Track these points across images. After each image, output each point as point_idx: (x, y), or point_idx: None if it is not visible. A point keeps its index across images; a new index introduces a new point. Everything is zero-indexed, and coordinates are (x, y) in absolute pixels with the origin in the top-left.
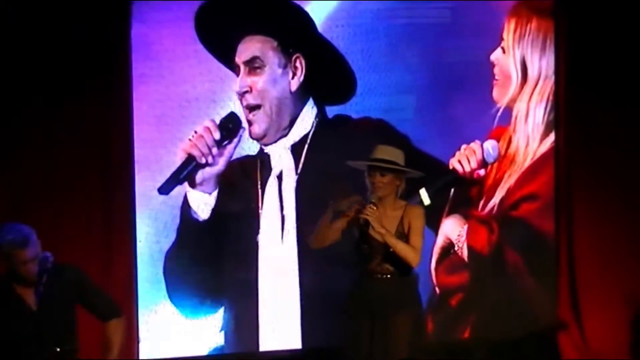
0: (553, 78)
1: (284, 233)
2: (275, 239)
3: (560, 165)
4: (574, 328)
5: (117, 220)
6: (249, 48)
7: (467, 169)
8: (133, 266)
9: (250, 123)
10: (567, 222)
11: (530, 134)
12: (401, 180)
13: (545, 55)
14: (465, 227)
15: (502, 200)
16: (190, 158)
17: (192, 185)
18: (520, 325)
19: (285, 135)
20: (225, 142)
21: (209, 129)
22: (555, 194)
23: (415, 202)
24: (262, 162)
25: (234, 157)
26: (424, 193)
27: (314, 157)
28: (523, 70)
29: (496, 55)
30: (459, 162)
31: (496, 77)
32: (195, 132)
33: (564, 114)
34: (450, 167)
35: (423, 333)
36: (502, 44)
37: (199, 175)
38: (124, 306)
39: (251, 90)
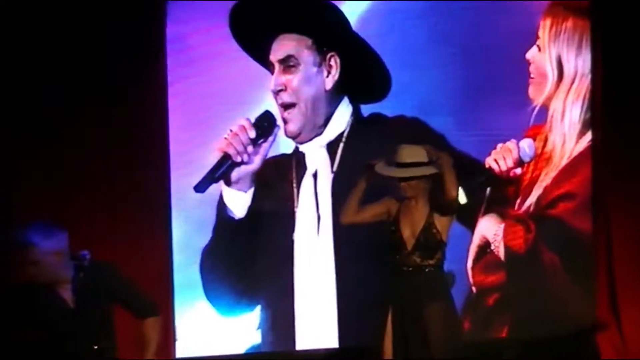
0: (589, 77)
1: (320, 231)
2: (311, 237)
3: (598, 164)
4: (613, 328)
5: (153, 219)
6: (283, 46)
7: (504, 167)
8: (169, 265)
9: (285, 121)
10: (605, 221)
11: (567, 132)
12: (428, 178)
13: (582, 54)
14: (502, 226)
15: (538, 199)
16: (225, 156)
17: (228, 183)
18: (558, 325)
19: (320, 134)
20: (261, 141)
21: (244, 127)
22: (593, 192)
23: None
24: (297, 160)
25: (270, 155)
26: (460, 192)
27: (349, 155)
28: (559, 69)
29: (532, 54)
30: (495, 161)
31: (532, 76)
32: (231, 130)
33: (601, 112)
34: (486, 166)
35: (458, 328)
36: (537, 43)
37: (235, 174)
38: (160, 305)
39: (286, 89)
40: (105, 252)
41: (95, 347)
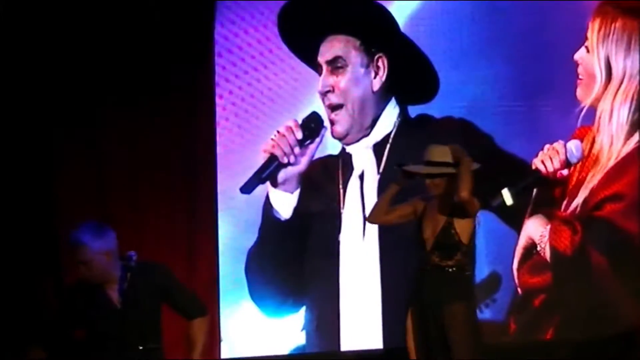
0: (638, 78)
1: (365, 232)
2: (356, 239)
3: None
4: None
5: (199, 220)
6: (331, 47)
7: (550, 169)
8: (215, 265)
9: (332, 122)
10: None
11: (615, 133)
12: (450, 178)
13: (630, 55)
14: (548, 227)
15: (585, 201)
16: (272, 157)
17: (274, 184)
18: (604, 327)
19: (367, 135)
20: (308, 142)
21: (291, 128)
22: None
23: (498, 203)
24: (344, 161)
25: (316, 156)
26: (506, 193)
27: (395, 156)
28: (607, 70)
29: (580, 55)
30: (542, 162)
31: (580, 77)
32: (278, 131)
33: None
34: (534, 167)
35: (477, 331)
36: (586, 43)
37: (281, 175)
38: (206, 304)
39: (333, 90)
40: (151, 252)
41: (141, 347)
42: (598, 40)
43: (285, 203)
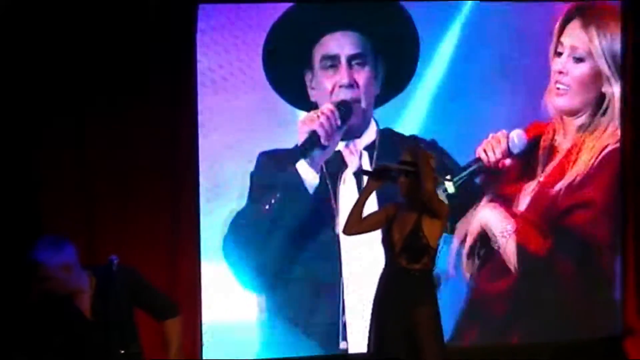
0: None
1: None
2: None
3: (626, 168)
4: None
5: (182, 222)
6: (349, 43)
7: (492, 158)
8: (197, 267)
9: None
10: (636, 226)
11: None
12: (415, 178)
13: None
14: (512, 224)
15: (553, 206)
16: (314, 135)
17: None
18: (575, 334)
19: (360, 136)
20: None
21: (333, 112)
22: (621, 199)
23: (441, 192)
24: (342, 157)
25: None
26: (448, 182)
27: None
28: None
29: (562, 64)
30: (484, 151)
31: (562, 87)
32: (322, 112)
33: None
34: (477, 156)
35: (440, 334)
36: (556, 48)
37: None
38: (188, 307)
39: (354, 86)
40: (134, 254)
41: (122, 351)
42: (570, 43)
43: (311, 180)
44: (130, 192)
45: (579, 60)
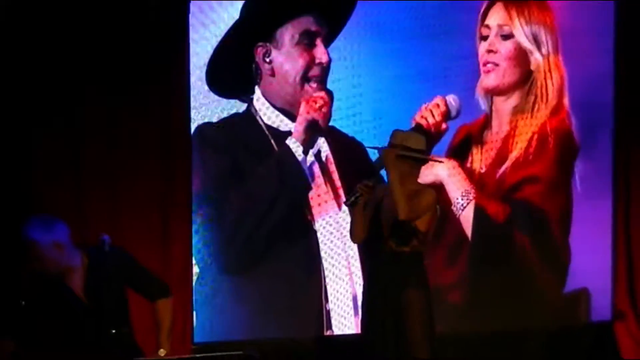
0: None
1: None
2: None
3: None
4: (631, 318)
5: (174, 206)
6: None
7: (432, 121)
8: (189, 249)
9: None
10: (624, 211)
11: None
12: (411, 165)
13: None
14: (472, 190)
15: (499, 183)
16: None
17: None
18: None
19: None
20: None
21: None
22: (612, 182)
23: (380, 163)
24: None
25: None
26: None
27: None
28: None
29: (490, 44)
30: (423, 117)
31: (488, 65)
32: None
33: None
34: (413, 124)
35: (431, 318)
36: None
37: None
38: (180, 289)
39: None
40: (126, 238)
41: (113, 331)
42: (521, 23)
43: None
44: (121, 174)
45: (506, 37)
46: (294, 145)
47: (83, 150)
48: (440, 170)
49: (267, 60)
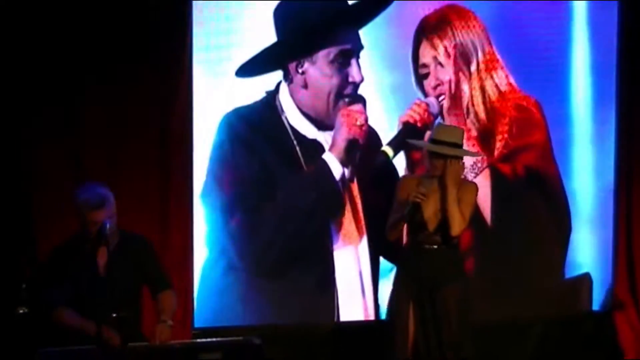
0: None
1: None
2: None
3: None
4: (631, 308)
5: (174, 190)
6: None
7: (418, 117)
8: (189, 234)
9: None
10: (627, 203)
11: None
12: (458, 160)
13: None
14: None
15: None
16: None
17: None
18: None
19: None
20: None
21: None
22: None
23: (381, 160)
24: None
25: None
26: (387, 148)
27: None
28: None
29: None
30: (410, 116)
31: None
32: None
33: None
34: (401, 123)
35: (470, 310)
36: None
37: None
38: (180, 276)
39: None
40: (126, 224)
41: (114, 315)
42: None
43: None
44: (121, 157)
45: (443, 64)
46: (333, 162)
47: (83, 150)
48: None
49: (300, 71)
